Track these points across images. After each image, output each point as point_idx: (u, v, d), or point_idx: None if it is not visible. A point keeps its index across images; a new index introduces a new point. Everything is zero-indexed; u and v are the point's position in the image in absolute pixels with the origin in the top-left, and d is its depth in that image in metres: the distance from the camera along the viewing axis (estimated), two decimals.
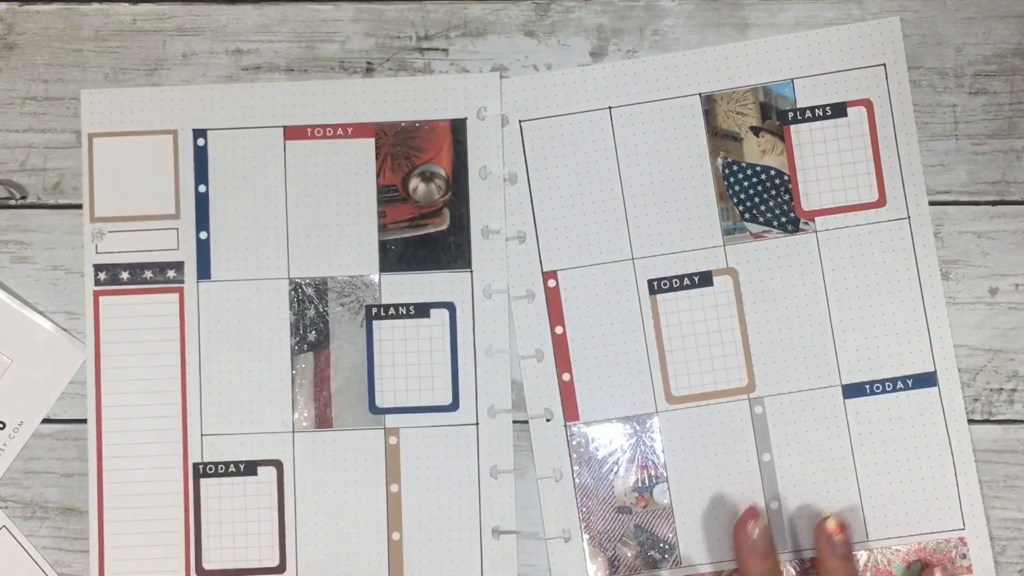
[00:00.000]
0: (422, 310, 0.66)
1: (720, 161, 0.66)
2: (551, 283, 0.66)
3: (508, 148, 0.66)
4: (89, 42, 0.67)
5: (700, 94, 0.66)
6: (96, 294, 0.66)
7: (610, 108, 0.66)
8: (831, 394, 0.65)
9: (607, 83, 0.66)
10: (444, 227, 0.66)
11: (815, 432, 0.65)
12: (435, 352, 0.66)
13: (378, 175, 0.66)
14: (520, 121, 0.66)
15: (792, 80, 0.66)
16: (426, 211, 0.66)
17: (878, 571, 0.64)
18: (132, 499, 0.66)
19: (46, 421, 0.66)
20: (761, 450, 0.65)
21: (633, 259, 0.66)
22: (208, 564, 0.65)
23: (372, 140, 0.66)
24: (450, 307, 0.66)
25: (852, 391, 0.65)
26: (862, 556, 0.64)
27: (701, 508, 0.65)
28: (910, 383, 0.65)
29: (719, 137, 0.66)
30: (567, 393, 0.65)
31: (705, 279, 0.65)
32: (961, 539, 0.64)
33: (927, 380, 0.65)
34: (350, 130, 0.67)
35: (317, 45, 0.67)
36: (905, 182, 0.65)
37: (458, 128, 0.66)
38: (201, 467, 0.65)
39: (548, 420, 0.65)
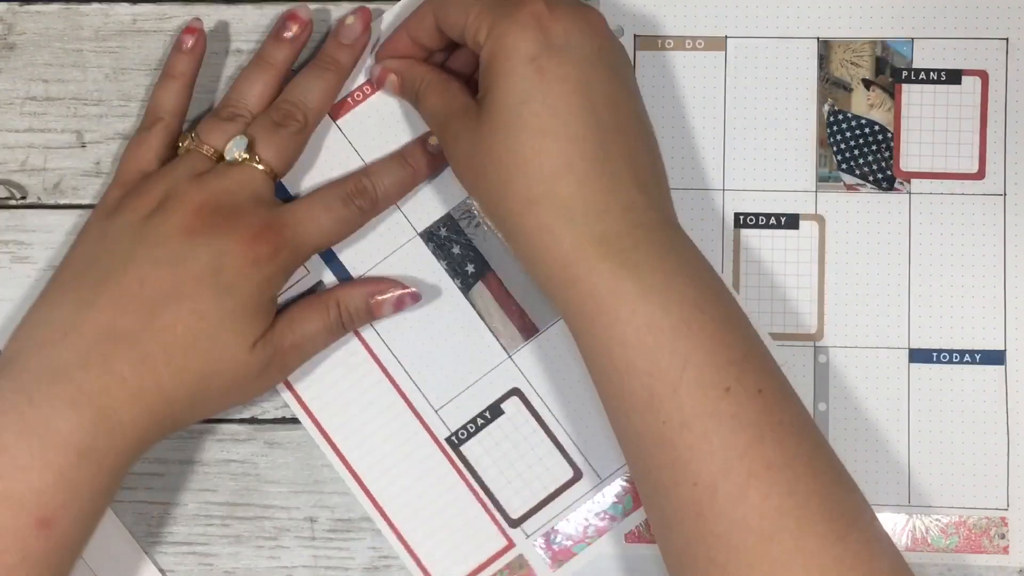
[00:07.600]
0: None
1: (827, 108, 0.65)
2: None
3: None
4: (89, 42, 0.66)
5: (818, 38, 0.65)
6: None
7: (727, 37, 0.65)
8: (897, 356, 0.65)
9: (727, 10, 0.65)
10: None
11: (875, 390, 0.65)
12: None
13: None
14: (636, 36, 0.66)
15: (912, 40, 0.65)
16: None
17: (915, 538, 0.64)
18: None
19: None
20: (818, 398, 0.65)
21: (724, 190, 0.65)
22: None
23: None
24: None
25: (919, 356, 0.65)
26: (901, 519, 0.64)
27: None
28: (977, 358, 0.64)
29: (829, 84, 0.65)
30: None
31: (792, 221, 0.65)
32: (1003, 519, 0.64)
33: (995, 358, 0.64)
34: None
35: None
36: (1008, 159, 0.65)
37: None
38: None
39: None
